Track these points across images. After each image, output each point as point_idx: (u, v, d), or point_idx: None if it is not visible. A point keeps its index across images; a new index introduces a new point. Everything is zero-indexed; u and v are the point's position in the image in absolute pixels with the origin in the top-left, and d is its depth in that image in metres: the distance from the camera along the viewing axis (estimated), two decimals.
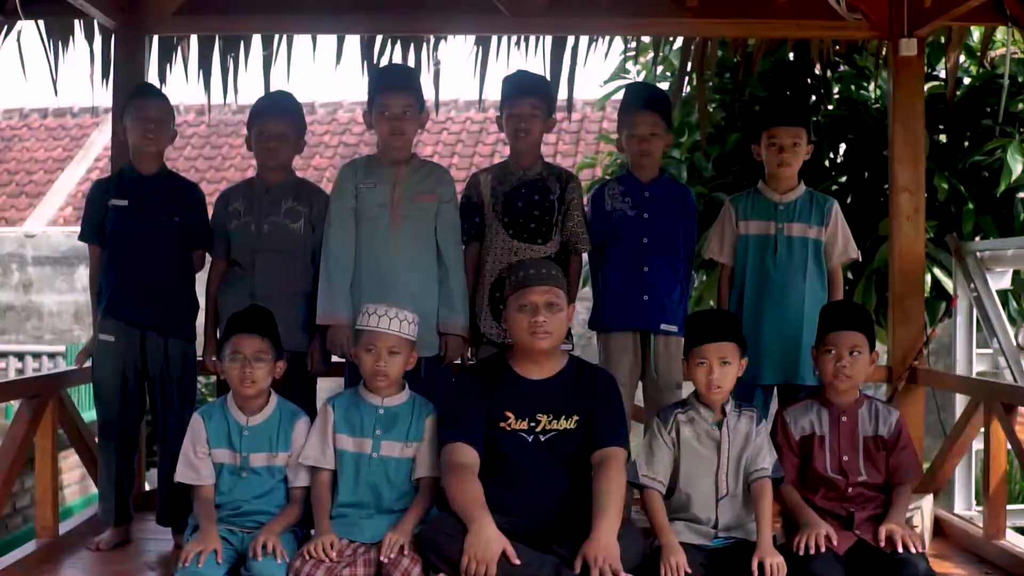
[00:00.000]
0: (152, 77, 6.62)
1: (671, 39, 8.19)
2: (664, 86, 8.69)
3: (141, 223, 5.35)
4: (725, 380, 4.62)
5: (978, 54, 7.68)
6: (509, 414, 4.59)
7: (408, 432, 4.69)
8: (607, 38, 7.44)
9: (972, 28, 7.53)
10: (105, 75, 6.75)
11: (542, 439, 4.58)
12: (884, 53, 7.21)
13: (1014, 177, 7.10)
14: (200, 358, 5.55)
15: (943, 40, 7.40)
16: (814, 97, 8.04)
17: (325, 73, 35.56)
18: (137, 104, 5.48)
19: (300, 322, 5.44)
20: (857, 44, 7.87)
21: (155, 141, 5.46)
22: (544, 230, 5.45)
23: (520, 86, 5.56)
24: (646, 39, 8.52)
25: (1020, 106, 7.59)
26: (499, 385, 4.57)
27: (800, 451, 4.81)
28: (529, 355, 4.64)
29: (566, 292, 4.74)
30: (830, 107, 8.01)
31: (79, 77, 7.06)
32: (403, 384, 4.80)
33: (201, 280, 5.53)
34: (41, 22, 6.80)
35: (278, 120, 5.56)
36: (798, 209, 5.59)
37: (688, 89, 7.99)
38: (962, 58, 7.61)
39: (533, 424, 4.58)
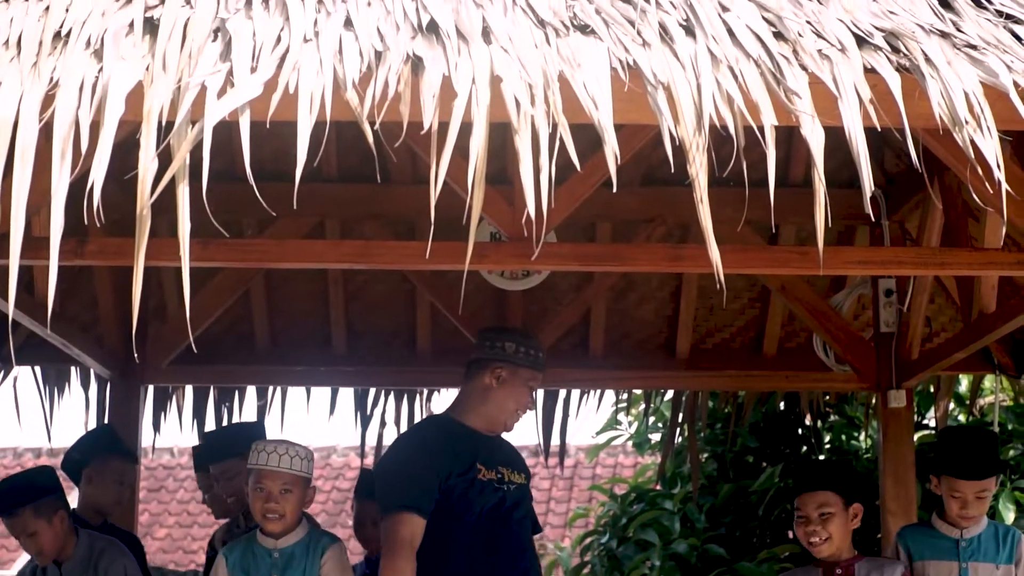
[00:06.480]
0: (146, 424, 6.68)
1: (662, 390, 8.26)
2: (655, 437, 8.75)
3: None
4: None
5: (967, 402, 7.73)
6: None
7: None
8: (598, 390, 7.49)
9: (961, 376, 7.61)
10: (100, 421, 6.77)
11: None
12: (873, 403, 7.26)
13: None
14: None
15: (932, 389, 7.47)
16: (805, 447, 8.05)
17: (319, 421, 35.68)
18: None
19: None
20: (847, 395, 7.93)
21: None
22: None
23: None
24: (637, 391, 8.61)
25: (1011, 453, 7.60)
26: None
27: None
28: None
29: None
30: (821, 457, 8.02)
31: (74, 421, 7.08)
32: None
33: None
34: (37, 368, 6.87)
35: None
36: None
37: (679, 439, 8.00)
38: (951, 405, 7.67)
39: None
